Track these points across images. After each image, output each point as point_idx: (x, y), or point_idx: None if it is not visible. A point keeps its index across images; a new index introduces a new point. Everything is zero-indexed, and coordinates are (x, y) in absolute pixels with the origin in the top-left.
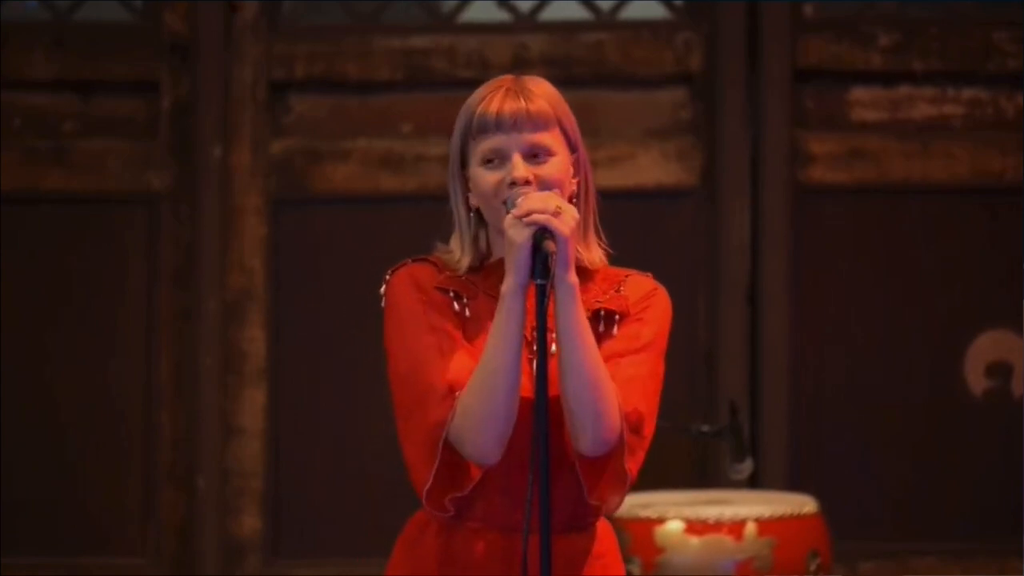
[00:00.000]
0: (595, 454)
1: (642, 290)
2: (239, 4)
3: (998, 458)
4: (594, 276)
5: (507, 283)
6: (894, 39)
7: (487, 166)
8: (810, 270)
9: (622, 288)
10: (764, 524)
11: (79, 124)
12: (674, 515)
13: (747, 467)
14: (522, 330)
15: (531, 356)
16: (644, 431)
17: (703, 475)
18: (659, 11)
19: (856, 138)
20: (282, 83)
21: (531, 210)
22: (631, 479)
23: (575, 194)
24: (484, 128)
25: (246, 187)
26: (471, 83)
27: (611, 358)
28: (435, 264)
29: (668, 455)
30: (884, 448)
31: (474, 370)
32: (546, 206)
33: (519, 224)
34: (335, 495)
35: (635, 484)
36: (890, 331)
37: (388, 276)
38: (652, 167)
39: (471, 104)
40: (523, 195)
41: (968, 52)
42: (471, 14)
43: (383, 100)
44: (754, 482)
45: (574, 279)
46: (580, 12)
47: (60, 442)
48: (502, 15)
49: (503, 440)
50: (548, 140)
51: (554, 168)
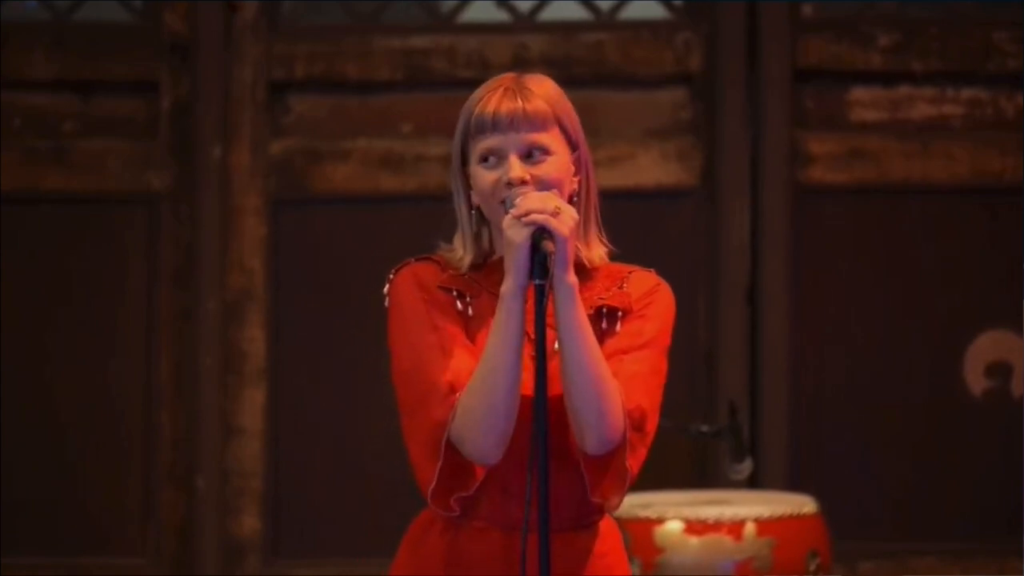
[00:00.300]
0: (599, 452)
1: (645, 286)
2: (239, 4)
3: (998, 458)
4: (596, 273)
5: (506, 284)
6: (894, 39)
7: (485, 165)
8: (810, 270)
9: (625, 285)
10: (764, 524)
11: (79, 124)
12: (674, 515)
13: (747, 467)
14: (522, 330)
15: (534, 355)
16: (647, 428)
17: (703, 475)
18: (659, 11)
19: (856, 138)
20: (282, 83)
21: (529, 210)
22: (632, 477)
23: (576, 192)
24: (481, 128)
25: (246, 187)
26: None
27: (614, 355)
28: (438, 263)
29: (668, 455)
30: (884, 448)
31: (475, 369)
32: (544, 206)
33: (517, 224)
34: (335, 495)
35: (635, 483)
36: (890, 331)
37: (391, 275)
38: (652, 167)
39: (471, 103)
40: (521, 195)
41: (968, 52)
42: (471, 14)
43: (383, 100)
44: (754, 482)
45: (573, 279)
46: (580, 12)
47: (60, 442)
48: (502, 15)
49: (503, 440)
50: (545, 140)
51: (551, 168)
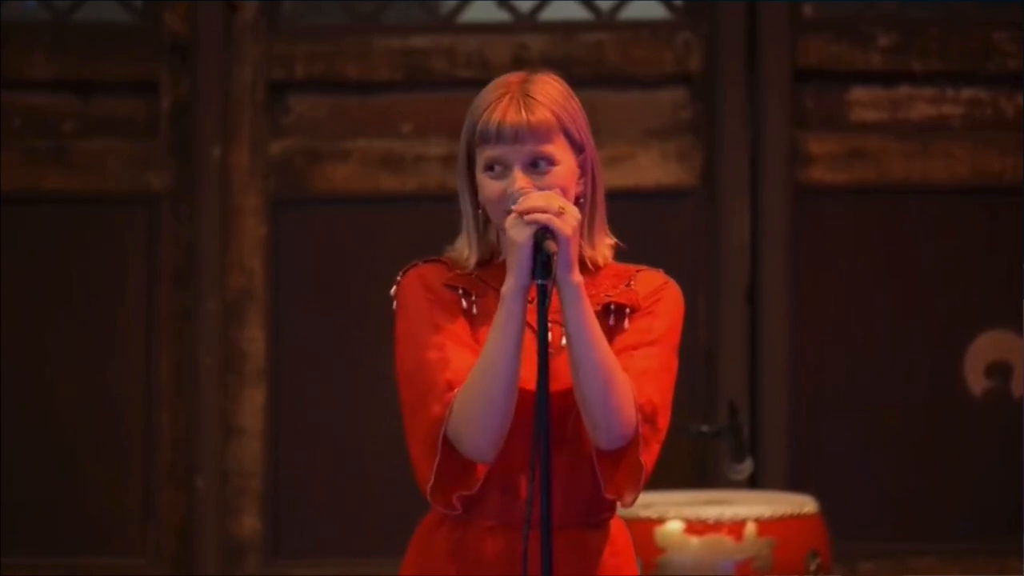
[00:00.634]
0: (612, 447)
1: (653, 284)
2: (239, 4)
3: (998, 458)
4: (603, 272)
5: (508, 284)
6: (894, 39)
7: (490, 174)
8: (810, 270)
9: (633, 283)
10: (764, 524)
11: (79, 124)
12: (674, 515)
13: (747, 467)
14: (522, 331)
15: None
16: (659, 423)
17: (703, 475)
18: (659, 11)
19: (856, 138)
20: (282, 83)
21: (532, 208)
22: (646, 472)
23: (582, 194)
24: (486, 138)
25: (246, 187)
26: (471, 83)
27: (623, 351)
28: (445, 263)
29: (668, 455)
30: (884, 448)
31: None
32: (548, 205)
33: (520, 224)
34: (335, 495)
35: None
36: (890, 331)
37: (399, 277)
38: (652, 167)
39: (477, 108)
40: (524, 194)
41: (968, 52)
42: (471, 14)
43: (383, 100)
44: (754, 482)
45: (578, 278)
46: (580, 12)
47: (60, 442)
48: (502, 15)
49: (499, 437)
50: (550, 150)
51: (556, 178)
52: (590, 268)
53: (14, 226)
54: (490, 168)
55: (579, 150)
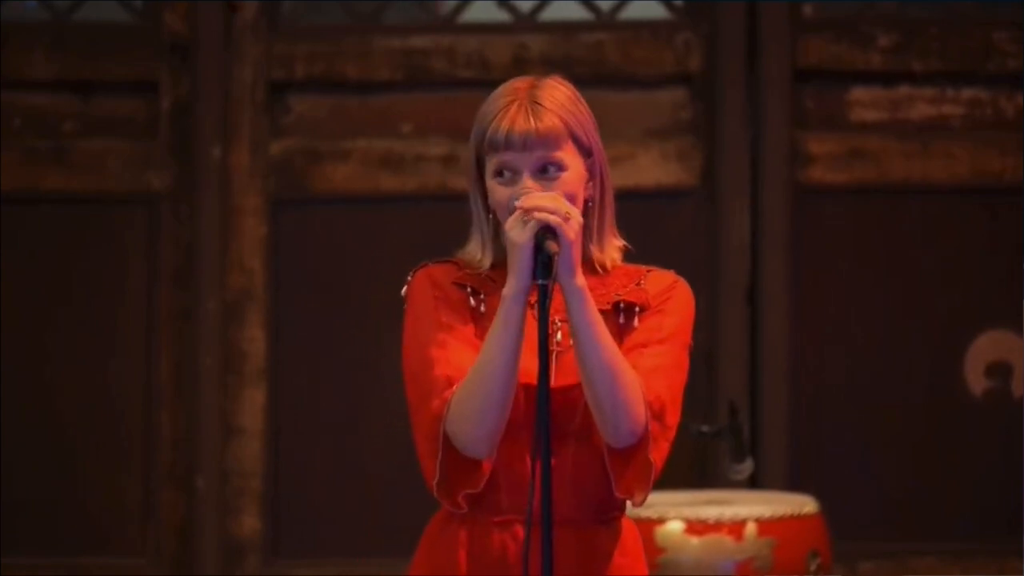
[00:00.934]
0: (622, 445)
1: (663, 283)
2: (239, 4)
3: (998, 458)
4: (612, 274)
5: (509, 285)
6: (894, 39)
7: (499, 179)
8: (810, 270)
9: (643, 282)
10: (764, 524)
11: (79, 124)
12: (674, 515)
13: (747, 467)
14: (521, 332)
15: (552, 349)
16: (668, 420)
17: (703, 475)
18: (659, 11)
19: (856, 138)
20: (282, 83)
21: (537, 207)
22: (656, 470)
23: (590, 198)
24: (495, 145)
25: (246, 187)
26: (471, 83)
27: (633, 349)
28: (456, 264)
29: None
30: (884, 448)
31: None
32: (556, 207)
33: (520, 224)
34: (335, 495)
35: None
36: (890, 331)
37: (409, 277)
38: (652, 167)
39: (485, 115)
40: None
41: (968, 52)
42: (471, 14)
43: (383, 100)
44: (754, 482)
45: (581, 281)
46: (580, 12)
47: (60, 442)
48: (502, 15)
49: (494, 436)
50: (559, 156)
51: (565, 183)
52: (599, 270)
53: (14, 226)
54: (500, 174)
55: (587, 154)
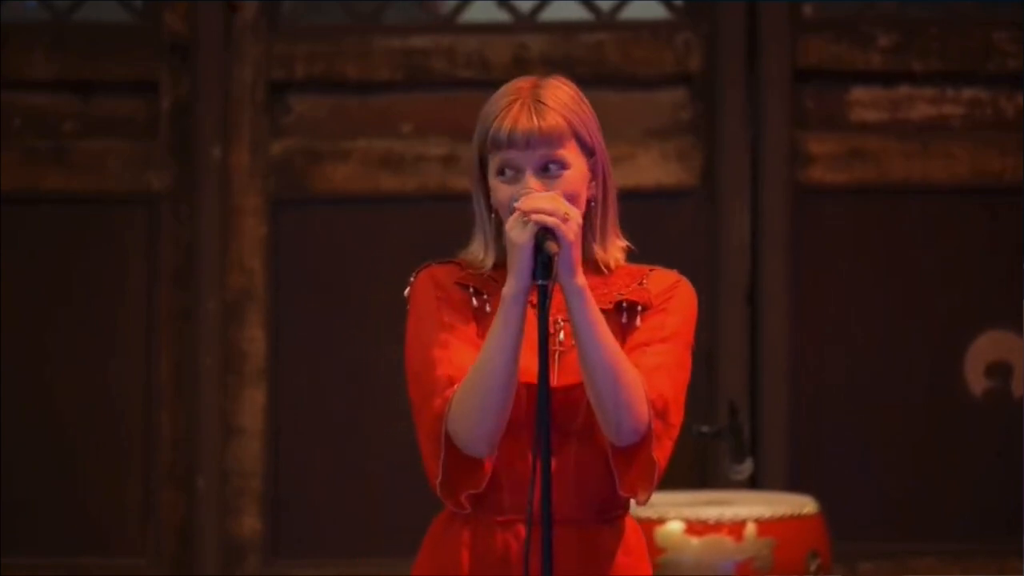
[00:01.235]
0: (625, 444)
1: (666, 282)
2: (239, 4)
3: (998, 458)
4: (615, 274)
5: (508, 286)
6: (894, 39)
7: (502, 178)
8: (810, 270)
9: (645, 281)
10: (764, 524)
11: (79, 124)
12: (674, 515)
13: (747, 467)
14: (521, 333)
15: (554, 348)
16: (671, 419)
17: (703, 475)
18: (659, 11)
19: (856, 138)
20: (282, 83)
21: (536, 209)
22: (660, 469)
23: (593, 197)
24: (498, 144)
25: (246, 187)
26: (471, 83)
27: (636, 348)
28: (459, 264)
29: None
30: (884, 448)
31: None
32: (555, 208)
33: (519, 225)
34: (335, 495)
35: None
36: (890, 331)
37: (412, 278)
38: (652, 167)
39: (488, 114)
40: (526, 193)
41: (968, 52)
42: (471, 14)
43: (383, 100)
44: (754, 482)
45: (582, 281)
46: (580, 12)
47: (60, 442)
48: (502, 15)
49: (493, 435)
50: (562, 154)
51: (567, 182)
52: (602, 270)
53: (14, 226)
54: (502, 173)
55: (590, 153)
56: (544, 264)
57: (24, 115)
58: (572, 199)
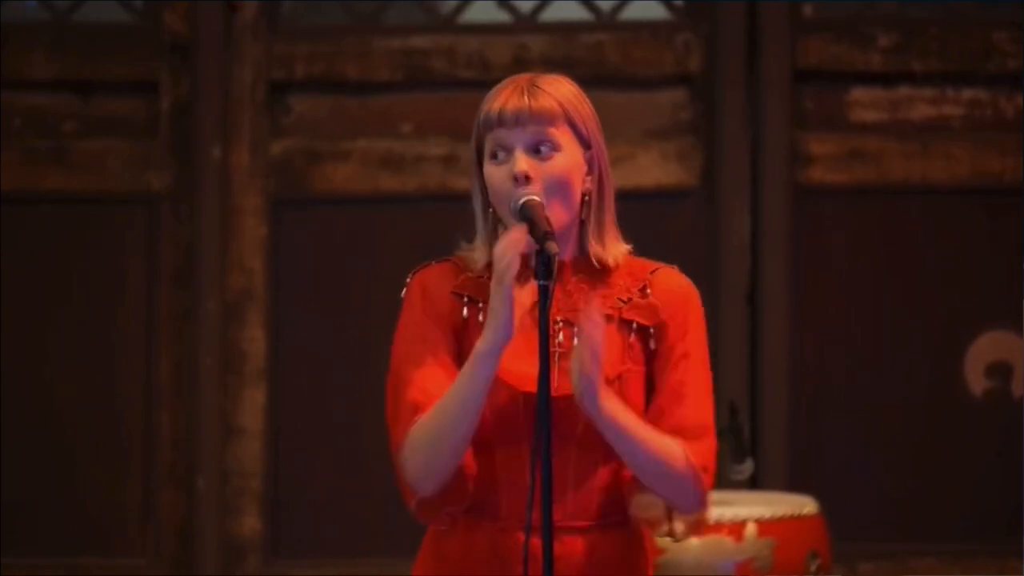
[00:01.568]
0: (693, 511)
1: (671, 295)
2: (239, 4)
3: (998, 458)
4: (615, 271)
5: (485, 341)
6: (894, 39)
7: (494, 161)
8: (810, 270)
9: (648, 289)
10: (764, 525)
11: (79, 124)
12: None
13: (747, 468)
14: (487, 388)
15: (554, 350)
16: (711, 463)
17: None
18: (659, 12)
19: (856, 139)
20: (282, 83)
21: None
22: (707, 509)
23: (588, 191)
24: (489, 124)
25: (246, 187)
26: (471, 83)
27: (670, 398)
28: (456, 264)
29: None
30: (884, 448)
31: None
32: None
33: (502, 273)
34: (335, 495)
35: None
36: (890, 331)
37: (408, 279)
38: (652, 167)
39: (484, 103)
40: (524, 197)
41: (968, 52)
42: (471, 14)
43: (383, 100)
44: (754, 483)
45: (606, 402)
46: (580, 13)
47: (60, 442)
48: (502, 15)
49: (440, 478)
50: (552, 133)
51: (558, 165)
52: (600, 268)
53: (14, 226)
54: (494, 156)
55: (586, 146)
56: (544, 264)
57: (24, 115)
58: (563, 185)
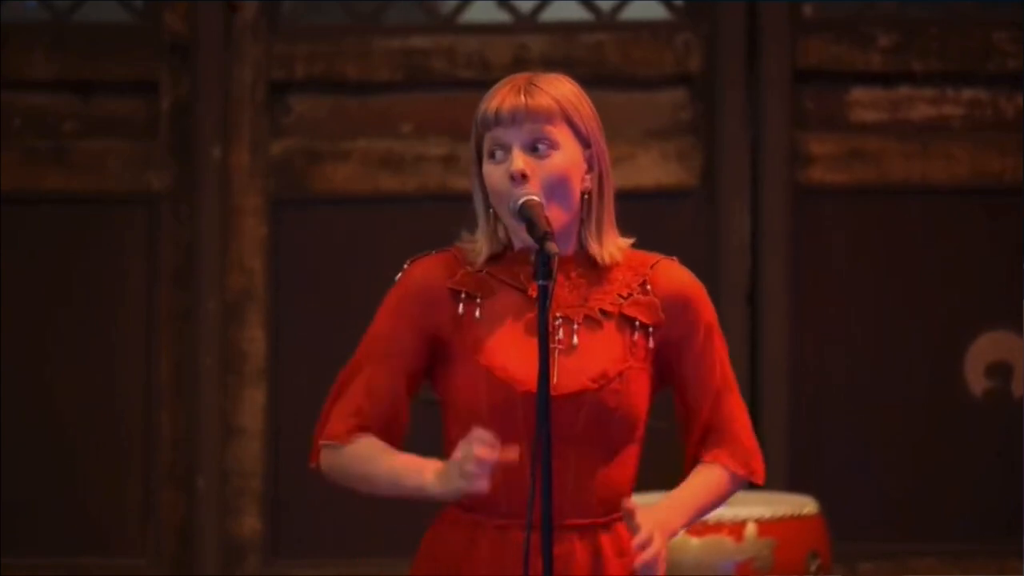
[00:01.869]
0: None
1: (674, 291)
2: (239, 4)
3: (998, 458)
4: (614, 268)
5: (435, 487)
6: (894, 39)
7: (492, 160)
8: (810, 270)
9: (648, 284)
10: (764, 525)
11: (79, 124)
12: None
13: None
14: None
15: (553, 346)
16: (752, 462)
17: None
18: (659, 12)
19: (856, 139)
20: (282, 83)
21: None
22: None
23: (587, 190)
24: (487, 123)
25: (246, 187)
26: (471, 83)
27: (711, 396)
28: (455, 256)
29: (668, 455)
30: (884, 448)
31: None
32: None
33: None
34: (335, 495)
35: (636, 484)
36: (890, 331)
37: (406, 265)
38: (652, 167)
39: (482, 101)
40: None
41: (968, 52)
42: (471, 14)
43: (383, 100)
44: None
45: (678, 528)
46: (580, 13)
47: (60, 442)
48: (502, 15)
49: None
50: (550, 131)
51: (557, 161)
52: (598, 265)
53: (14, 226)
54: (492, 155)
55: (585, 144)
56: (545, 264)
57: (24, 115)
58: (562, 184)
